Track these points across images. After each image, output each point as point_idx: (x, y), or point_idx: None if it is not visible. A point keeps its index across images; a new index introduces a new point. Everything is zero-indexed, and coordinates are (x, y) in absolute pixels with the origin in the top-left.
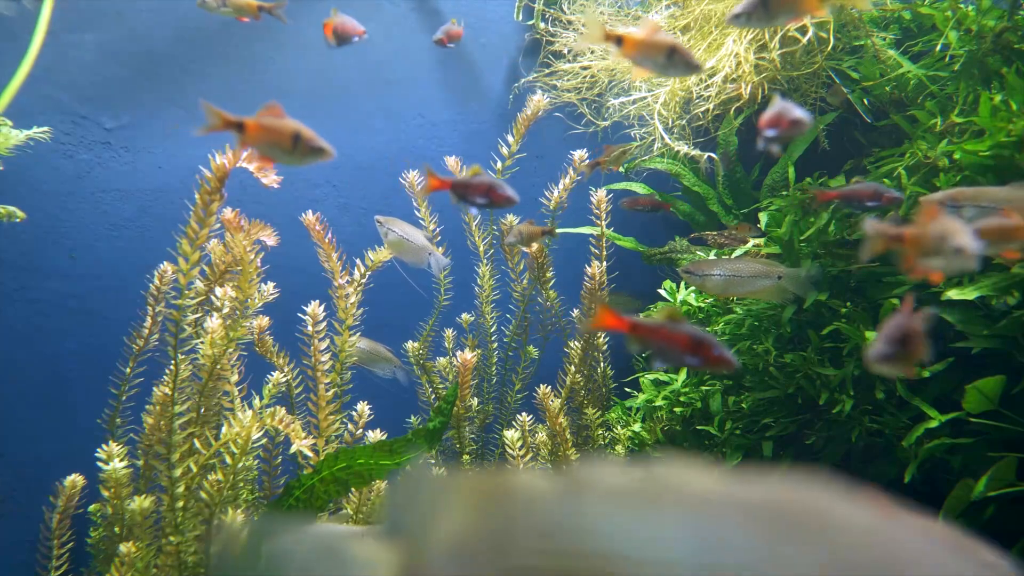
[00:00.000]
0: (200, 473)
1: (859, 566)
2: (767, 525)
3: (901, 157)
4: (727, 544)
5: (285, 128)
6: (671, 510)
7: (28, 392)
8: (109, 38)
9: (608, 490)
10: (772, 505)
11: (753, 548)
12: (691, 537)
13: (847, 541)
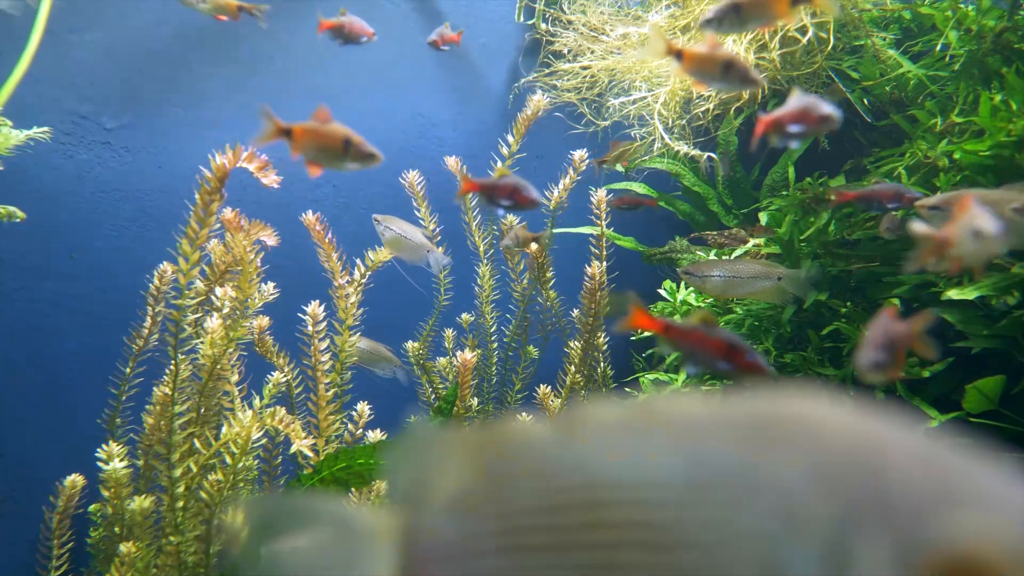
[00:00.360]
0: (200, 473)
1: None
2: (751, 437)
3: (901, 157)
4: (711, 460)
5: (336, 134)
6: (658, 435)
7: (28, 392)
8: (109, 38)
9: (599, 425)
10: (757, 419)
11: (737, 460)
12: (677, 458)
13: (832, 446)
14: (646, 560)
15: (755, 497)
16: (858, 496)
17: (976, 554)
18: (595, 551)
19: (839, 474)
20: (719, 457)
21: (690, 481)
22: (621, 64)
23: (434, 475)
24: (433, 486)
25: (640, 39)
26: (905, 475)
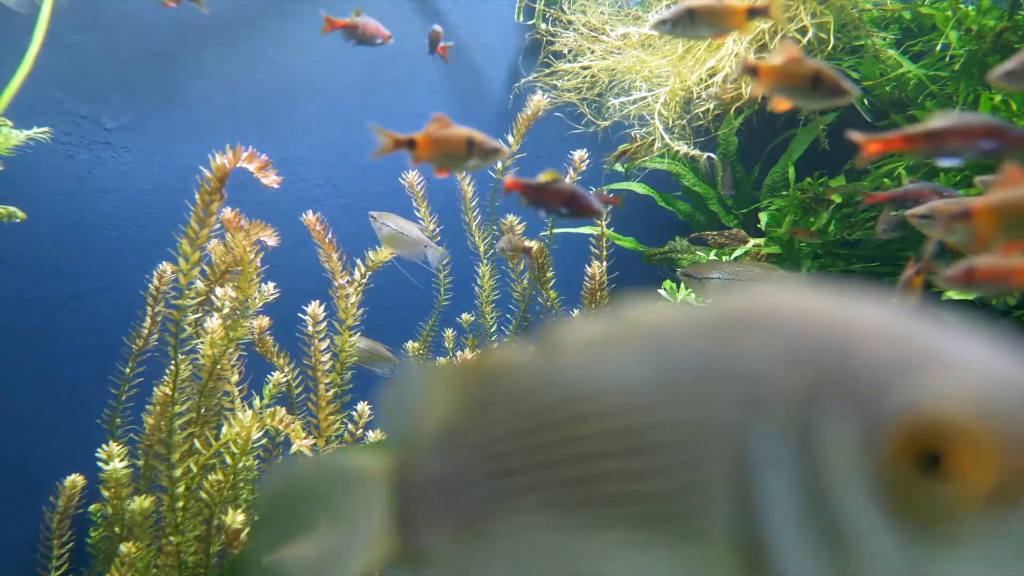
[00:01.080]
0: (200, 473)
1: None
2: (720, 331)
3: (901, 157)
4: (681, 358)
5: (458, 137)
6: (631, 342)
7: (28, 392)
8: (109, 38)
9: (577, 341)
10: (727, 313)
11: (705, 355)
12: (648, 361)
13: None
14: (623, 466)
15: (723, 389)
16: (822, 374)
17: (939, 414)
18: (575, 464)
19: (804, 355)
20: (688, 354)
21: (660, 382)
22: (621, 64)
23: (423, 412)
24: (422, 423)
25: (640, 39)
26: (870, 349)
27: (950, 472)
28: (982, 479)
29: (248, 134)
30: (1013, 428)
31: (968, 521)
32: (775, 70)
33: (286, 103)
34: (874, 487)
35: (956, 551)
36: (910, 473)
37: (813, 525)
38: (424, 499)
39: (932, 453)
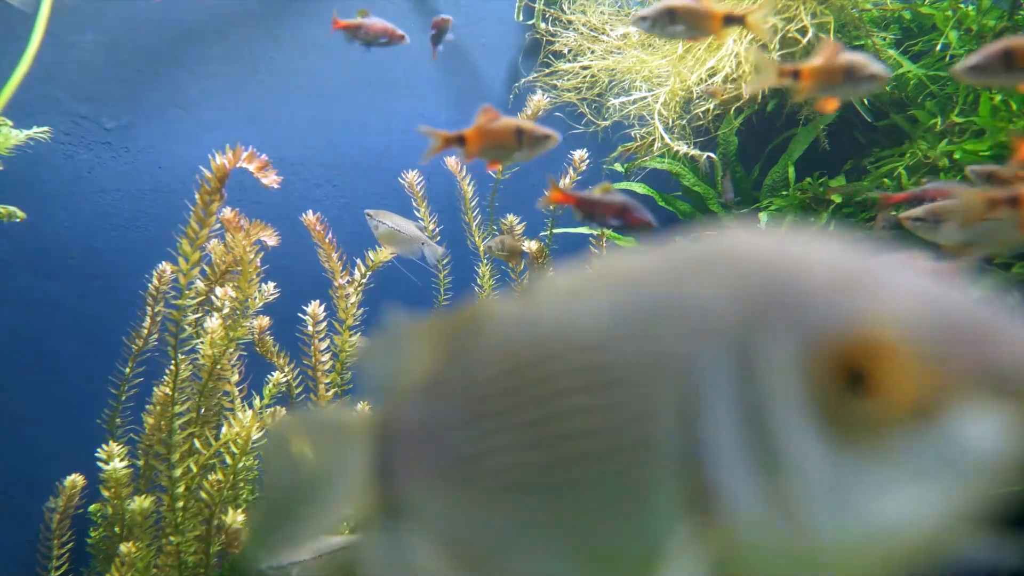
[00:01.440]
0: (200, 473)
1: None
2: (679, 271)
3: (901, 157)
4: (640, 296)
5: (507, 128)
6: (596, 288)
7: (28, 392)
8: (109, 38)
9: (552, 289)
10: (688, 254)
11: (662, 292)
12: (611, 301)
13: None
14: (584, 403)
15: (673, 323)
16: (763, 301)
17: (862, 333)
18: (542, 404)
19: (748, 285)
20: (645, 294)
21: (618, 321)
22: (621, 64)
23: (405, 364)
24: (404, 375)
25: (640, 39)
26: (808, 277)
27: (874, 388)
28: (903, 394)
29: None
30: (930, 346)
31: (892, 435)
32: (818, 71)
33: (286, 103)
34: (806, 406)
35: (882, 465)
36: (838, 391)
37: (751, 449)
38: (404, 448)
39: (858, 370)
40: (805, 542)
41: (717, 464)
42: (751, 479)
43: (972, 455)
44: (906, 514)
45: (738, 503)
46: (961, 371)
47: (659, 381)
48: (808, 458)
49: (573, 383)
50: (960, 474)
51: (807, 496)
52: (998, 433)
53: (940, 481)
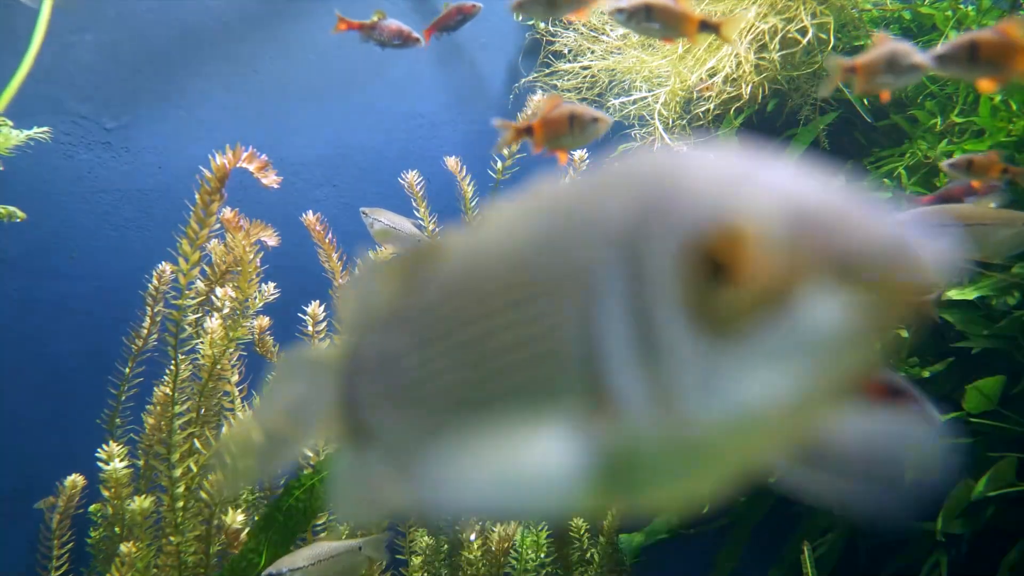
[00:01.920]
0: (200, 473)
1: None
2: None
3: (901, 157)
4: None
5: (561, 115)
6: (526, 213)
7: (28, 392)
8: (109, 38)
9: (491, 220)
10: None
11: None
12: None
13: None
14: (510, 319)
15: (577, 236)
16: (650, 207)
17: (727, 227)
18: (477, 323)
19: (639, 195)
20: (559, 211)
21: (536, 239)
22: (621, 64)
23: (368, 300)
24: (367, 311)
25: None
26: (690, 182)
27: (735, 278)
28: (759, 282)
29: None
30: (782, 235)
31: (751, 322)
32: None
33: (286, 103)
34: (680, 300)
35: (744, 350)
36: (705, 283)
37: (638, 346)
38: (365, 379)
39: (721, 262)
40: (684, 430)
41: (609, 364)
42: (638, 375)
43: (822, 336)
44: (767, 395)
45: (627, 399)
46: (810, 258)
47: (565, 292)
48: (682, 349)
49: (500, 302)
50: (812, 355)
51: (682, 385)
52: (844, 315)
53: (795, 362)
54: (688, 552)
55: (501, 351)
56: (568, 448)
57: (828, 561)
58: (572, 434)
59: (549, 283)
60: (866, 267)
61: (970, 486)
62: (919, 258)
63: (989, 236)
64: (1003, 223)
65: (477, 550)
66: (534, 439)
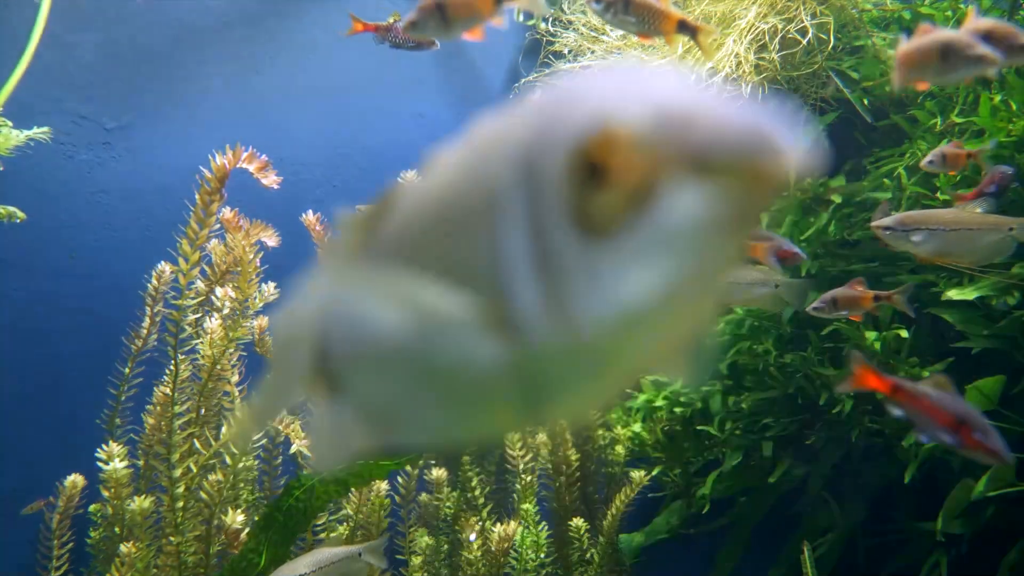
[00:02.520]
0: (200, 473)
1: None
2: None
3: (901, 157)
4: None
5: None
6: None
7: (28, 392)
8: (109, 38)
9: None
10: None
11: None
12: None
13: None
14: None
15: (493, 160)
16: (543, 122)
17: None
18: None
19: (541, 116)
20: (481, 143)
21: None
22: (621, 64)
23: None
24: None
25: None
26: (578, 95)
27: (608, 180)
28: (628, 181)
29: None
30: (646, 134)
31: (624, 220)
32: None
33: (286, 103)
34: (565, 208)
35: (620, 250)
36: (585, 188)
37: (535, 259)
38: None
39: (596, 165)
40: (576, 334)
41: (510, 277)
42: (534, 285)
43: (687, 229)
44: (643, 291)
45: (526, 309)
46: (670, 153)
47: (480, 216)
48: (568, 255)
49: (433, 237)
50: (680, 248)
51: (571, 291)
52: (706, 205)
53: (665, 256)
54: (688, 552)
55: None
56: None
57: (828, 561)
58: (492, 350)
59: (468, 210)
60: (720, 156)
61: (970, 486)
62: (771, 144)
63: (974, 241)
64: (988, 228)
65: (477, 550)
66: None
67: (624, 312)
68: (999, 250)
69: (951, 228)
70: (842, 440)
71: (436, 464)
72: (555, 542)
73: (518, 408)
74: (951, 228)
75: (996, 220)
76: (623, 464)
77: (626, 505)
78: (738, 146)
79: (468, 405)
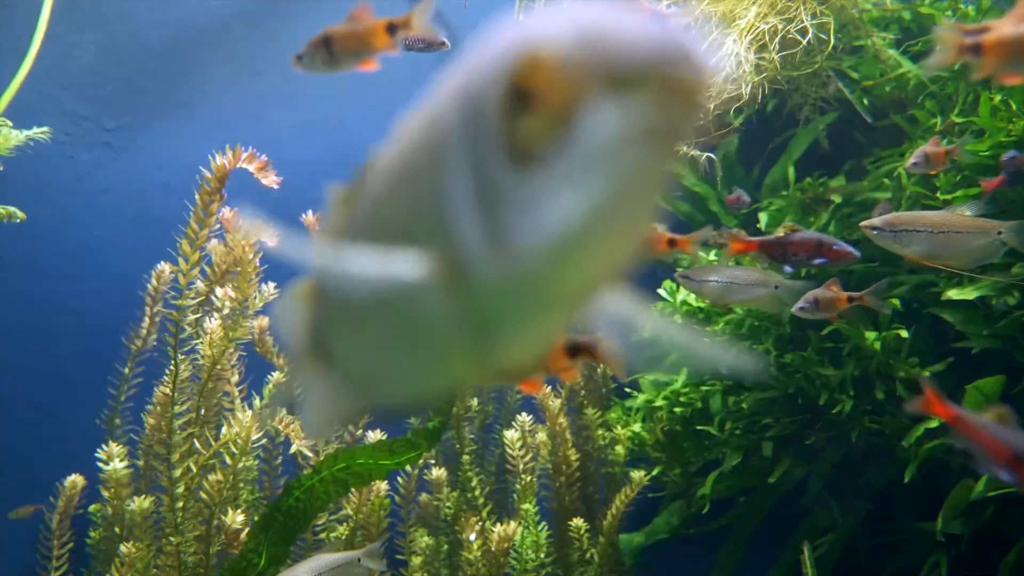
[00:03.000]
0: (200, 473)
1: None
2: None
3: (901, 157)
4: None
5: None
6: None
7: (28, 392)
8: (109, 38)
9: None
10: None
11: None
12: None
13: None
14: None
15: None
16: (485, 61)
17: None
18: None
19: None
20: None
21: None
22: None
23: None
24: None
25: None
26: (515, 31)
27: (534, 103)
28: (552, 102)
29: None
30: (566, 54)
31: (552, 144)
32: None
33: (286, 103)
34: (501, 139)
35: (549, 175)
36: (516, 115)
37: (476, 194)
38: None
39: (523, 90)
40: (516, 267)
41: (454, 214)
42: (477, 224)
43: (610, 146)
44: (574, 213)
45: (468, 244)
46: (588, 72)
47: (430, 167)
48: (505, 188)
49: (397, 194)
50: (605, 166)
51: (508, 223)
52: (627, 121)
53: (592, 176)
54: (688, 552)
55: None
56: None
57: (828, 561)
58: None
59: (420, 166)
60: (633, 68)
61: (970, 486)
62: (680, 54)
63: (963, 244)
64: (976, 232)
65: (477, 550)
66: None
67: (557, 236)
68: (988, 253)
69: (939, 230)
70: (842, 440)
71: (436, 464)
72: (555, 542)
73: (475, 352)
74: (939, 230)
75: (984, 224)
76: (623, 464)
77: (626, 505)
78: (648, 57)
79: (430, 356)
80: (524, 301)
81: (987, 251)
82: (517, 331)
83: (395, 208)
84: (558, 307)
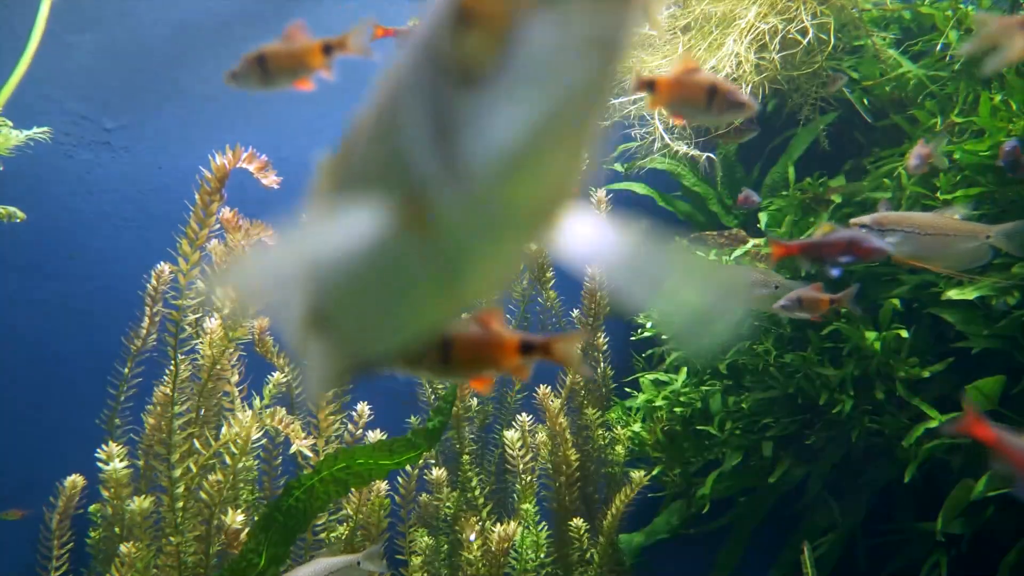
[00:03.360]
0: (200, 473)
1: None
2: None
3: (901, 157)
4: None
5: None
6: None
7: (28, 392)
8: (109, 38)
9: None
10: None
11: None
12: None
13: None
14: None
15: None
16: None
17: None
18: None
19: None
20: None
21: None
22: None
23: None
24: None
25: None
26: None
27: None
28: (491, 19)
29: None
30: None
31: (494, 60)
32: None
33: (286, 103)
34: (450, 64)
35: (493, 92)
36: (461, 36)
37: (432, 127)
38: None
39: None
40: (470, 188)
41: (416, 153)
42: (432, 151)
43: (546, 58)
44: (519, 129)
45: (426, 178)
46: None
47: (394, 104)
48: (456, 110)
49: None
50: (544, 79)
51: (460, 145)
52: (563, 30)
53: (533, 90)
54: (688, 552)
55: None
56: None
57: (828, 561)
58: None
59: (387, 104)
60: None
61: (970, 486)
62: None
63: (950, 247)
64: (965, 235)
65: (477, 550)
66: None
67: (504, 152)
68: (976, 257)
69: (926, 232)
70: (842, 440)
71: (436, 464)
72: (555, 542)
73: (445, 290)
74: (926, 232)
75: (973, 227)
76: (623, 464)
77: (626, 505)
78: None
79: (407, 302)
80: (483, 226)
81: (975, 255)
82: (480, 259)
83: (370, 161)
84: (515, 228)
